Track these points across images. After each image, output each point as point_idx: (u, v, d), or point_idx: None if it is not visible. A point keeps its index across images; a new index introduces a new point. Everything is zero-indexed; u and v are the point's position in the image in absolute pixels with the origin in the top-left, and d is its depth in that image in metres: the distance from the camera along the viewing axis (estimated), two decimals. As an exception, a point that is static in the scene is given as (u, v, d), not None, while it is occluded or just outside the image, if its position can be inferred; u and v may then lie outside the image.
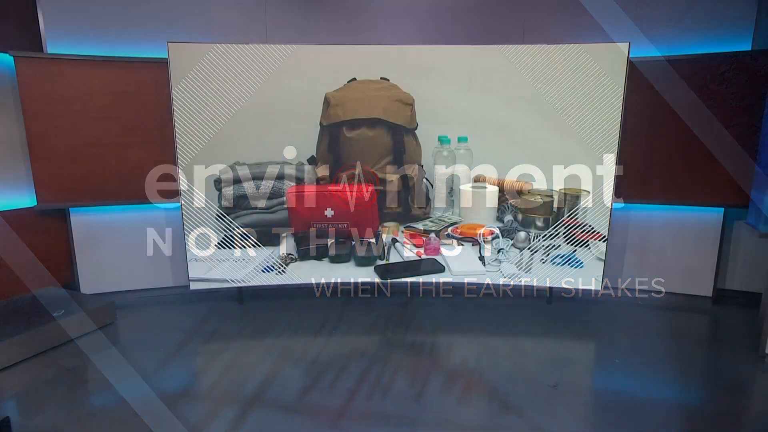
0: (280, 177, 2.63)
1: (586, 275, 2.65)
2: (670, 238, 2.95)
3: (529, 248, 2.68)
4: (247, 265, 2.66)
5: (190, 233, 2.64)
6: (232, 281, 2.67)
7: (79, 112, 2.70)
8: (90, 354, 2.32)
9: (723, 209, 2.84)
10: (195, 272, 2.66)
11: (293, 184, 2.64)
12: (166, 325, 2.65)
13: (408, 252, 2.69)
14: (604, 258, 2.64)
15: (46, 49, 2.67)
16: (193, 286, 2.67)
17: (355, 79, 2.65)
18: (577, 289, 2.75)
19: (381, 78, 2.66)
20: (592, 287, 2.66)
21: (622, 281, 3.05)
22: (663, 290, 3.02)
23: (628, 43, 2.44)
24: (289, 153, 2.54)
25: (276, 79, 2.57)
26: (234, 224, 2.64)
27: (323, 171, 2.66)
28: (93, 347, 2.39)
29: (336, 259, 2.64)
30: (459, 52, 2.64)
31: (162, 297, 3.01)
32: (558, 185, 2.67)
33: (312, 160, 2.72)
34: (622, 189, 2.79)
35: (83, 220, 2.87)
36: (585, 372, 2.23)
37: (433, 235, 2.66)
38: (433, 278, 2.62)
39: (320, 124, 2.63)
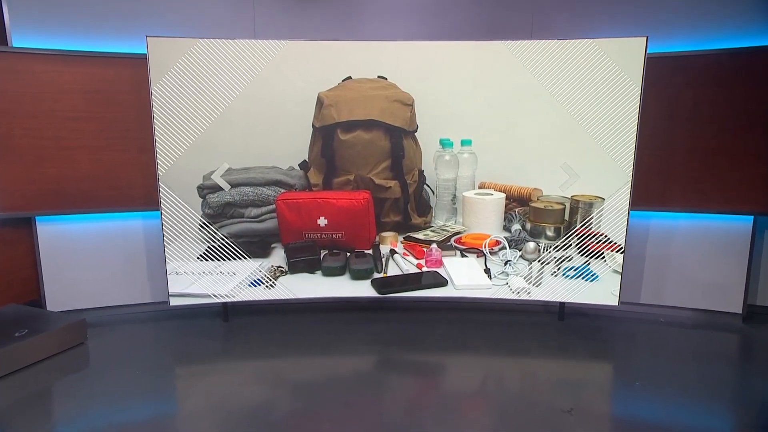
0: (270, 183, 2.58)
1: (601, 289, 2.59)
2: (694, 249, 2.89)
3: (538, 260, 2.64)
4: (233, 279, 2.60)
5: (170, 244, 2.57)
6: (216, 296, 2.60)
7: (48, 112, 2.63)
8: (57, 378, 2.23)
9: (752, 217, 2.77)
10: (175, 287, 2.58)
11: (283, 190, 2.59)
12: (143, 346, 2.57)
13: (407, 264, 2.64)
14: (621, 271, 2.59)
15: (11, 42, 2.59)
16: (173, 302, 2.60)
17: (350, 77, 2.61)
18: (592, 305, 2.70)
19: (378, 76, 2.62)
20: (609, 302, 2.60)
21: (641, 296, 2.99)
22: (687, 306, 2.95)
23: (645, 38, 2.40)
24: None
25: (265, 77, 2.53)
26: (219, 234, 2.58)
27: (316, 176, 2.61)
28: (60, 370, 2.30)
29: (330, 272, 2.59)
30: (462, 49, 2.60)
31: (139, 314, 2.93)
32: (570, 191, 2.62)
33: (304, 165, 2.67)
34: (639, 195, 2.73)
35: (51, 230, 2.78)
36: (602, 396, 2.17)
37: (434, 245, 2.62)
38: (434, 292, 2.56)
39: (313, 125, 2.59)
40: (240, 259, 2.64)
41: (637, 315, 2.96)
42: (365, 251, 2.66)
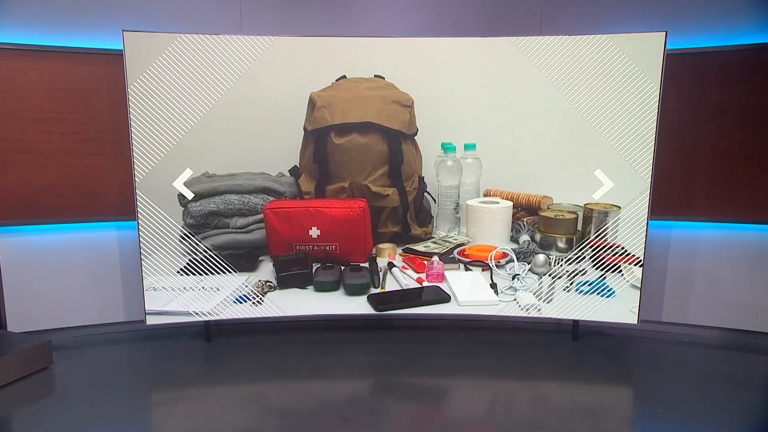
0: (257, 190, 2.56)
1: (619, 306, 2.54)
2: (720, 262, 2.82)
3: (549, 274, 2.60)
4: (217, 295, 2.55)
5: (147, 257, 2.52)
6: (198, 314, 2.54)
7: (12, 112, 2.57)
8: (18, 406, 2.16)
9: (785, 227, 2.74)
10: (152, 304, 2.52)
11: (272, 198, 2.56)
12: (116, 370, 2.51)
13: (407, 279, 2.59)
14: (640, 286, 2.53)
15: (-29, 36, 2.57)
16: (150, 320, 2.54)
17: (345, 76, 2.59)
18: (608, 323, 2.65)
19: (375, 76, 2.60)
20: (627, 321, 2.54)
21: (663, 314, 2.93)
22: (714, 325, 2.89)
23: (664, 33, 2.36)
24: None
25: (252, 76, 2.50)
26: (201, 246, 2.54)
27: (307, 183, 2.59)
28: (22, 398, 2.22)
29: (322, 287, 2.53)
30: (466, 46, 2.58)
31: (111, 335, 2.86)
32: (583, 199, 2.59)
33: (294, 171, 2.65)
34: (659, 203, 2.68)
35: (13, 242, 2.71)
36: (621, 424, 2.11)
37: (436, 258, 2.58)
38: (436, 309, 2.51)
39: (304, 128, 2.58)
40: (224, 273, 2.59)
41: (659, 334, 2.91)
42: (361, 264, 2.61)
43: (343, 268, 2.61)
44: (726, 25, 2.67)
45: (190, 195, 2.48)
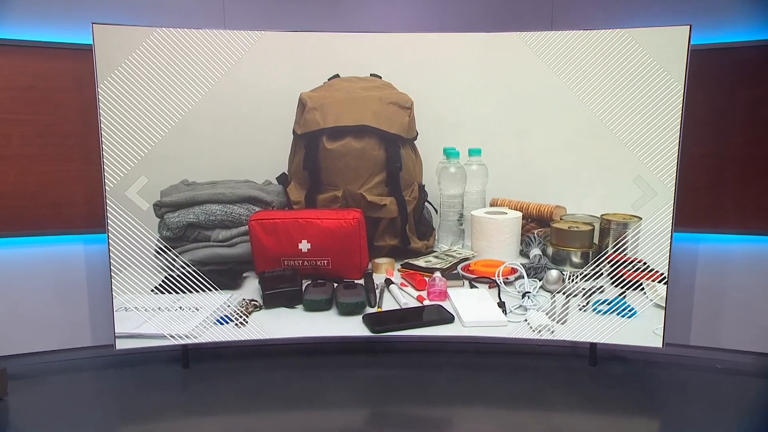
0: (241, 200, 2.53)
1: (641, 328, 2.44)
2: (754, 279, 2.75)
3: (563, 292, 2.53)
4: (196, 316, 2.47)
5: (118, 274, 2.44)
6: (175, 337, 2.45)
7: None
8: None
9: (824, 240, 2.67)
10: (123, 326, 2.42)
11: (258, 209, 2.53)
12: (80, 401, 2.43)
13: (406, 297, 2.52)
14: (664, 305, 2.45)
15: None
16: (120, 344, 2.43)
17: (338, 75, 2.57)
18: (630, 347, 2.60)
19: (371, 75, 2.59)
20: (651, 344, 2.45)
21: (691, 337, 2.87)
22: (748, 350, 2.82)
23: (688, 27, 2.29)
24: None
25: (236, 74, 2.47)
26: (179, 261, 2.49)
27: (297, 192, 2.56)
28: None
29: (313, 306, 2.46)
30: (470, 42, 2.57)
31: (75, 362, 2.79)
32: (599, 209, 2.56)
33: (283, 179, 2.63)
34: (685, 214, 2.61)
35: None
36: None
37: (438, 274, 2.51)
38: (438, 331, 2.43)
39: (293, 132, 2.53)
40: (204, 291, 2.52)
41: (687, 360, 2.84)
42: (355, 281, 2.56)
43: (335, 285, 2.55)
44: (757, 17, 2.62)
45: (145, 206, 2.42)
